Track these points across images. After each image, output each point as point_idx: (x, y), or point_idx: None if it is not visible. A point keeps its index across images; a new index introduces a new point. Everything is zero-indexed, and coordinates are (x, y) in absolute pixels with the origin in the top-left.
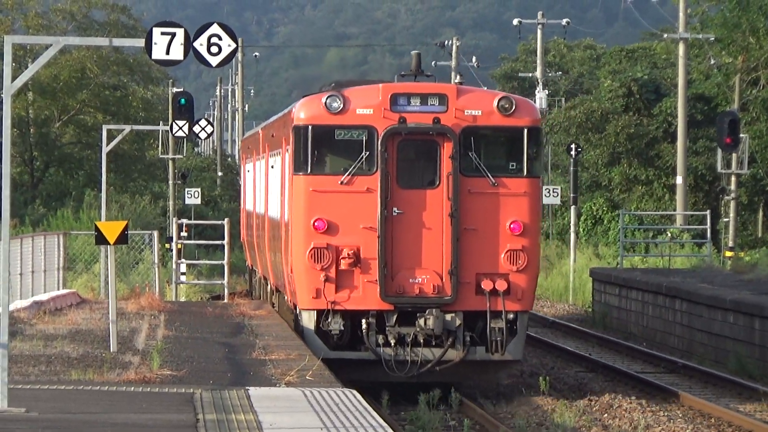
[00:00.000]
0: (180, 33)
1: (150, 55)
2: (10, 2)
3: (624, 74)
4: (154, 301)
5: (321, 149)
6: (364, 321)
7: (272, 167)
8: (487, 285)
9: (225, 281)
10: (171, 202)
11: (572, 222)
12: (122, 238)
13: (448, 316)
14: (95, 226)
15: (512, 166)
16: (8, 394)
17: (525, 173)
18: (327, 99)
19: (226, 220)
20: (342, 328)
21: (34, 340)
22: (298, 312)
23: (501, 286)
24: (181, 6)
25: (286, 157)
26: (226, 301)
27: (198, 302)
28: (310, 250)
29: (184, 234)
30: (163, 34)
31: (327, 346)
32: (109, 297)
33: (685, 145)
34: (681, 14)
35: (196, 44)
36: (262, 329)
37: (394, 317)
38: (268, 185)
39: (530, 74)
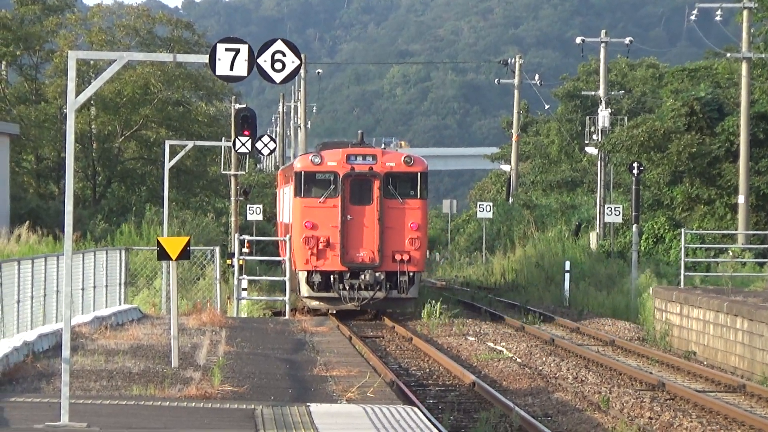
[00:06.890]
0: (244, 49)
1: (214, 71)
2: (74, 18)
3: (686, 93)
4: (215, 317)
5: (309, 184)
6: (332, 276)
7: (286, 193)
8: (398, 257)
9: (286, 297)
10: (233, 218)
11: (634, 241)
12: (184, 254)
13: (377, 274)
14: (157, 241)
15: (411, 193)
16: (70, 409)
17: (418, 197)
18: (311, 157)
19: (287, 236)
20: (320, 279)
21: (95, 355)
22: (297, 272)
23: (405, 257)
24: (244, 22)
25: (291, 187)
26: (287, 317)
27: (259, 318)
28: (303, 237)
29: (245, 250)
30: (227, 50)
31: (312, 290)
32: (171, 312)
33: (747, 164)
34: (744, 33)
35: (260, 60)
36: (323, 345)
37: (348, 274)
38: (287, 203)
39: (593, 93)
